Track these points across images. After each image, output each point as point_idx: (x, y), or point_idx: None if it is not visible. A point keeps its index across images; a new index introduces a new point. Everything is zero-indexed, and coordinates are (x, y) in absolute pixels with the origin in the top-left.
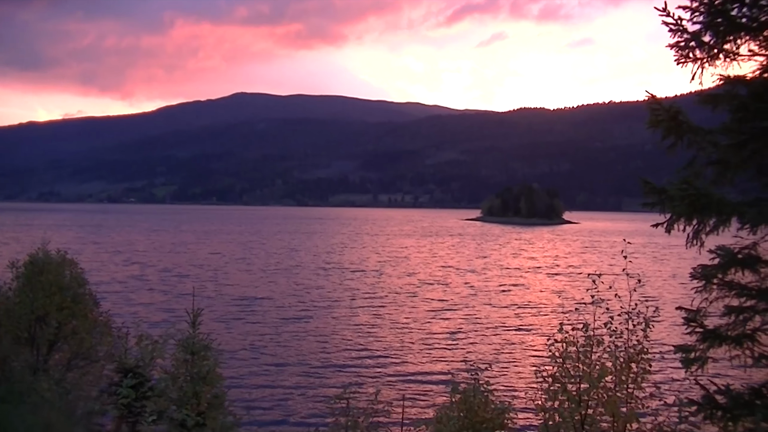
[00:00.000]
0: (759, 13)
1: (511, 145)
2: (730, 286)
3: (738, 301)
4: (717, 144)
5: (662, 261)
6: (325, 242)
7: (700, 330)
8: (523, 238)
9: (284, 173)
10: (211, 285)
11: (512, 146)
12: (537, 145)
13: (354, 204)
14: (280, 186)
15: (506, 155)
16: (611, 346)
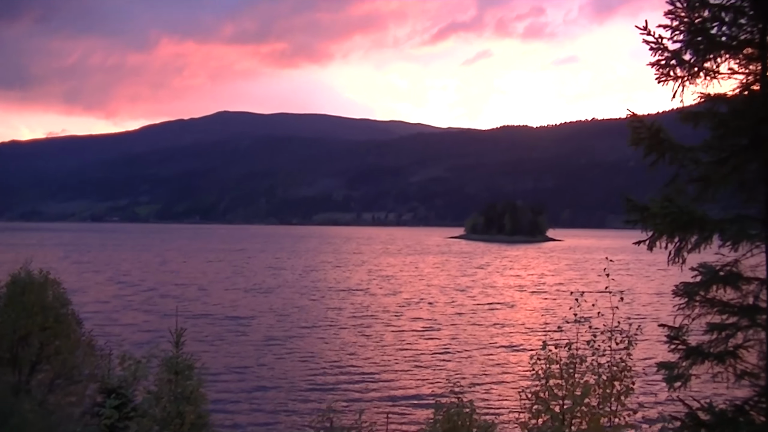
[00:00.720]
0: (738, 32)
1: (494, 162)
2: (713, 303)
3: (720, 318)
4: (698, 161)
5: (648, 277)
6: (310, 261)
7: (683, 347)
8: (508, 256)
9: (268, 191)
10: (195, 304)
11: (496, 163)
12: (521, 163)
13: (338, 222)
14: (263, 204)
15: (490, 173)
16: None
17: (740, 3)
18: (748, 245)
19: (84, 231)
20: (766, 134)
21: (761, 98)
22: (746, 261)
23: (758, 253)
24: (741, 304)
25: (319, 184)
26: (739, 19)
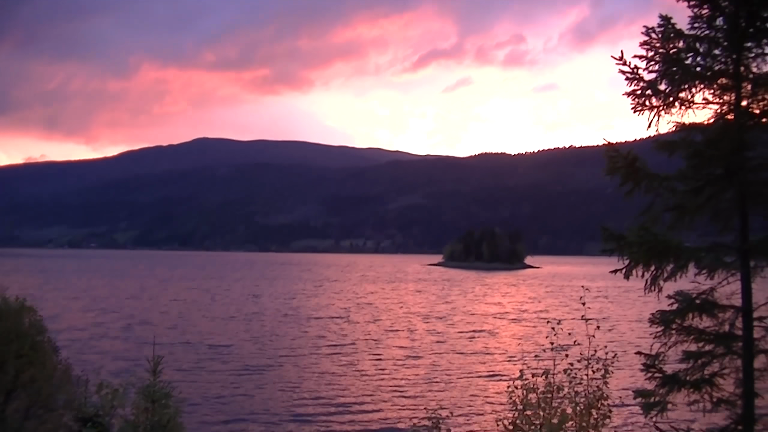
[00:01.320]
0: (712, 63)
1: (472, 189)
2: (689, 331)
3: (697, 345)
4: (674, 190)
5: (626, 304)
6: (289, 288)
7: (660, 375)
8: (487, 283)
9: (246, 218)
10: (172, 332)
11: (474, 190)
12: (499, 190)
13: (316, 249)
14: (242, 231)
15: (468, 200)
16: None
17: (714, 34)
18: (723, 273)
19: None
20: (740, 164)
21: (735, 128)
22: (722, 289)
23: (734, 281)
24: (717, 332)
25: (298, 211)
26: (713, 50)
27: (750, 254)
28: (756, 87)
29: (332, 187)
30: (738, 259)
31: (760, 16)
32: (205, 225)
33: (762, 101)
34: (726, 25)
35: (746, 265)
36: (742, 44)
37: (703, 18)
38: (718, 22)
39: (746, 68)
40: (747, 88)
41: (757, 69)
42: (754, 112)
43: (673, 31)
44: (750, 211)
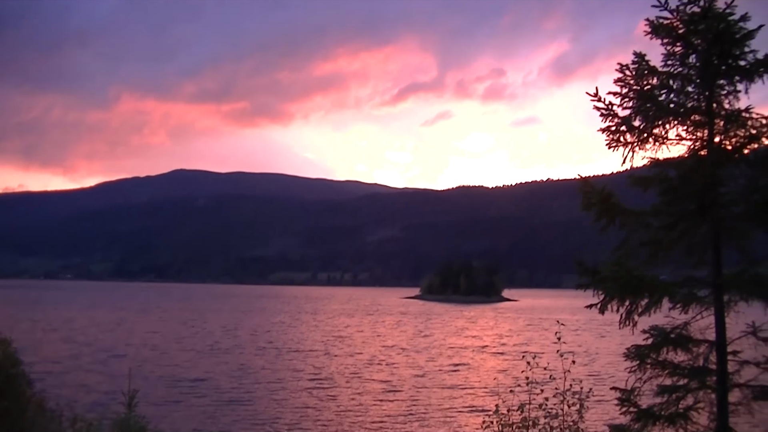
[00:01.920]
0: (686, 99)
1: (450, 222)
2: (664, 365)
3: (671, 380)
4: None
5: (604, 337)
6: (266, 321)
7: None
8: (465, 316)
9: (223, 250)
10: (148, 365)
11: (451, 223)
12: (476, 222)
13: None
14: (218, 263)
15: (446, 233)
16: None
17: (687, 71)
18: (698, 308)
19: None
20: (713, 199)
21: (708, 164)
22: (696, 323)
23: (708, 315)
24: (691, 366)
25: (275, 244)
26: (686, 87)
27: (724, 288)
28: (728, 123)
29: (310, 219)
30: (712, 294)
31: (731, 53)
32: (182, 257)
33: (734, 137)
34: (699, 63)
35: (720, 300)
36: (714, 81)
37: (676, 55)
38: (691, 60)
39: (719, 105)
40: (719, 124)
41: (729, 105)
42: (726, 148)
43: (647, 68)
44: (723, 246)
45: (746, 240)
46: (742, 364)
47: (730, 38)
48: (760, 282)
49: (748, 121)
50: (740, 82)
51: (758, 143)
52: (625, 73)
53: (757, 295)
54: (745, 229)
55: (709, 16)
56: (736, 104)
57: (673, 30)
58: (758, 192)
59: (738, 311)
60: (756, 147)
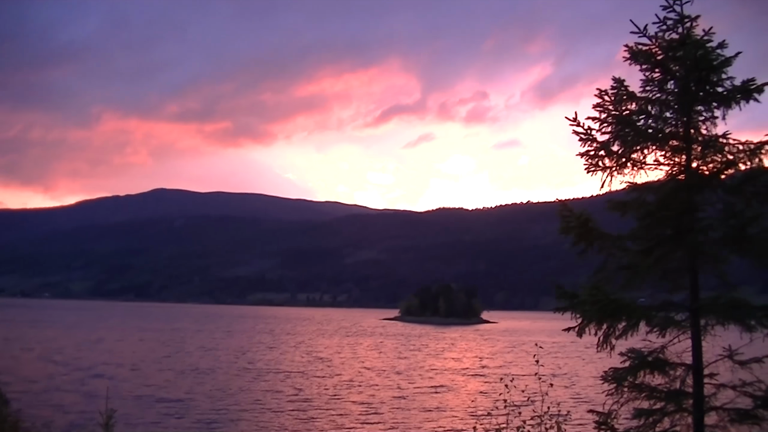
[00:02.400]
0: (664, 125)
1: (429, 244)
2: (641, 388)
3: (648, 403)
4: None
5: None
6: (245, 341)
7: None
8: (444, 338)
9: (202, 270)
10: (126, 385)
11: (431, 246)
12: (455, 245)
13: (272, 302)
14: (197, 283)
15: (425, 255)
16: None
17: (665, 97)
18: (675, 331)
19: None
20: (690, 225)
21: (685, 189)
22: (673, 347)
23: (685, 339)
24: (668, 389)
25: (254, 264)
26: (664, 113)
27: (700, 313)
28: (706, 149)
29: (289, 240)
30: (689, 318)
31: (709, 80)
32: (161, 276)
33: (711, 163)
34: (677, 89)
35: (697, 324)
36: (692, 107)
37: (654, 81)
38: (669, 86)
39: (696, 131)
40: (697, 150)
41: (706, 131)
42: (704, 173)
43: (626, 94)
44: (700, 271)
45: (723, 265)
46: (719, 387)
47: (708, 65)
48: (736, 306)
49: (725, 146)
50: (718, 108)
51: (735, 169)
52: (604, 99)
53: (733, 319)
54: (722, 255)
55: (688, 42)
56: (713, 130)
57: (651, 56)
58: (735, 217)
59: (715, 335)
60: (733, 173)
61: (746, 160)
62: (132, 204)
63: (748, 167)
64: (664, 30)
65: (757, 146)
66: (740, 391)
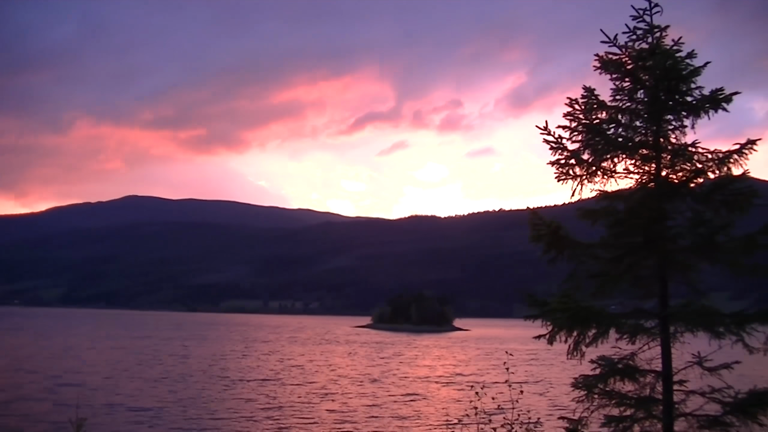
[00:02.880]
0: (634, 134)
1: (402, 252)
2: (611, 395)
3: (618, 410)
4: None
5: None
6: (218, 349)
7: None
8: (417, 346)
9: (174, 278)
10: (97, 394)
11: (404, 253)
12: (428, 252)
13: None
14: (170, 290)
15: (397, 262)
16: None
17: (635, 106)
18: (644, 339)
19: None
20: (659, 233)
21: (655, 198)
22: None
23: (654, 346)
24: (638, 396)
25: (227, 272)
26: (634, 122)
27: (670, 320)
28: (675, 158)
29: (262, 247)
30: (658, 325)
31: (678, 89)
32: (133, 284)
33: (681, 171)
34: (646, 98)
35: (666, 331)
36: (661, 116)
37: (624, 90)
38: (639, 95)
39: (666, 139)
40: (666, 158)
41: (675, 140)
42: (673, 182)
43: (596, 103)
44: (670, 279)
45: (692, 273)
46: (688, 393)
47: (677, 74)
48: (705, 314)
49: (694, 155)
50: (687, 117)
51: (704, 177)
52: (574, 107)
53: (702, 327)
54: (691, 262)
55: (657, 52)
56: (682, 139)
57: (621, 66)
58: (704, 225)
59: (684, 342)
60: (702, 181)
61: (715, 168)
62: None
63: (716, 176)
64: (634, 40)
65: (725, 155)
66: (709, 397)
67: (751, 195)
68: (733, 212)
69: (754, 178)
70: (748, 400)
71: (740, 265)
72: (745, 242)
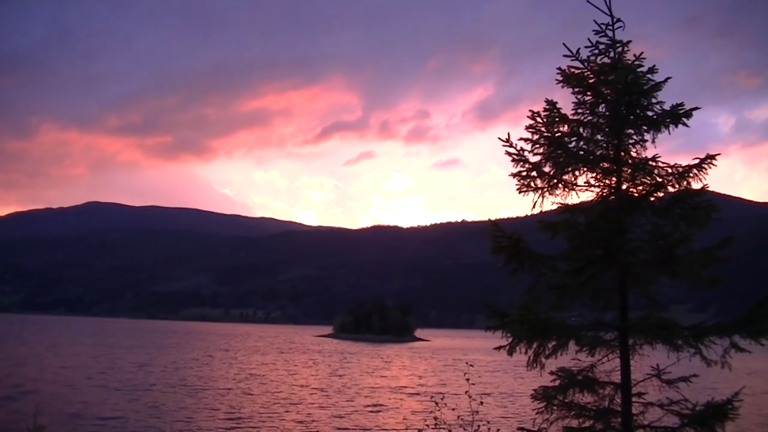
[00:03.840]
0: (595, 147)
1: (364, 261)
2: (570, 406)
3: (577, 421)
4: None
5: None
6: (180, 357)
7: None
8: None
9: (135, 285)
10: (57, 402)
11: (365, 263)
12: (390, 263)
13: (206, 318)
14: (130, 298)
15: (359, 272)
16: None
17: (597, 120)
18: (604, 351)
19: None
20: (619, 246)
21: (615, 211)
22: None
23: (614, 358)
24: (597, 407)
25: (188, 279)
26: (595, 135)
27: (629, 332)
28: (635, 171)
29: (223, 255)
30: (618, 337)
31: (639, 104)
32: (93, 290)
33: (641, 185)
34: (608, 112)
35: (625, 343)
36: (622, 130)
37: (586, 104)
38: (600, 109)
39: (626, 153)
40: (627, 172)
41: (636, 154)
42: (633, 195)
43: (558, 116)
44: (630, 291)
45: (651, 285)
46: (647, 405)
47: (638, 89)
48: (664, 326)
49: (654, 169)
50: (647, 131)
51: (664, 191)
52: (536, 120)
53: (661, 339)
54: (650, 275)
55: (619, 67)
56: (643, 153)
57: (583, 80)
58: (663, 239)
59: (643, 354)
60: (662, 195)
61: (675, 182)
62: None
63: (676, 190)
64: (596, 54)
65: (685, 169)
66: (667, 409)
67: (710, 209)
68: (692, 226)
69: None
70: (705, 412)
71: (698, 279)
72: (704, 256)
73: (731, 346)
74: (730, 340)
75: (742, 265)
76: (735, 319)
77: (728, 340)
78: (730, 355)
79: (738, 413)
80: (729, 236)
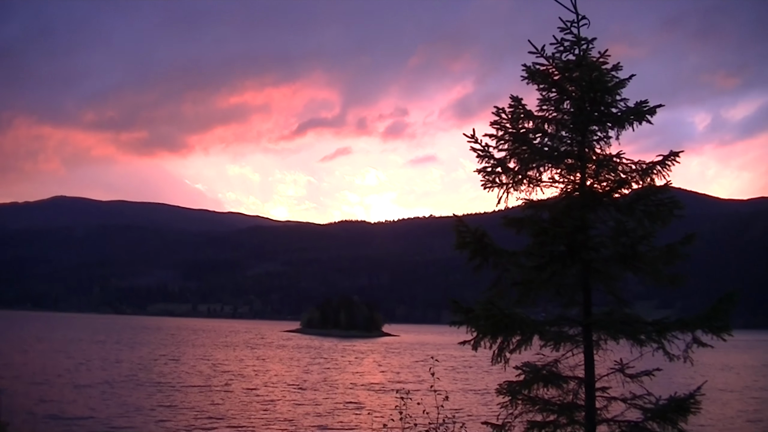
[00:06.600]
0: (560, 144)
1: (331, 257)
2: (534, 401)
3: (541, 416)
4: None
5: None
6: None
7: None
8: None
9: (102, 280)
10: (21, 400)
11: (333, 258)
12: (357, 258)
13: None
14: (97, 293)
15: (326, 267)
16: None
17: (562, 116)
18: (568, 346)
19: None
20: (583, 242)
21: (579, 207)
22: (566, 361)
23: (578, 353)
24: (561, 402)
25: (155, 275)
26: (560, 131)
27: (593, 328)
28: (599, 168)
29: (191, 251)
30: (582, 333)
31: (604, 101)
32: (59, 286)
33: (605, 181)
34: (572, 109)
35: (589, 338)
36: (587, 127)
37: (551, 101)
38: (565, 105)
39: (591, 150)
40: (591, 168)
41: (600, 150)
42: (597, 191)
43: (523, 112)
44: (593, 287)
45: (614, 281)
46: (610, 400)
47: (603, 86)
48: (627, 322)
49: (618, 166)
50: (612, 128)
51: (627, 188)
52: (501, 116)
53: (624, 334)
54: (614, 271)
55: (584, 64)
56: (607, 149)
57: (548, 76)
58: (626, 235)
59: (607, 349)
60: (625, 191)
61: (638, 179)
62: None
63: (639, 186)
64: (561, 51)
65: (648, 166)
66: (631, 403)
67: (673, 206)
68: (655, 222)
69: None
70: (668, 406)
71: (661, 275)
72: (666, 252)
73: (693, 341)
74: (693, 336)
75: (709, 261)
76: (697, 315)
77: (690, 336)
78: (692, 350)
79: (700, 408)
80: (691, 233)
